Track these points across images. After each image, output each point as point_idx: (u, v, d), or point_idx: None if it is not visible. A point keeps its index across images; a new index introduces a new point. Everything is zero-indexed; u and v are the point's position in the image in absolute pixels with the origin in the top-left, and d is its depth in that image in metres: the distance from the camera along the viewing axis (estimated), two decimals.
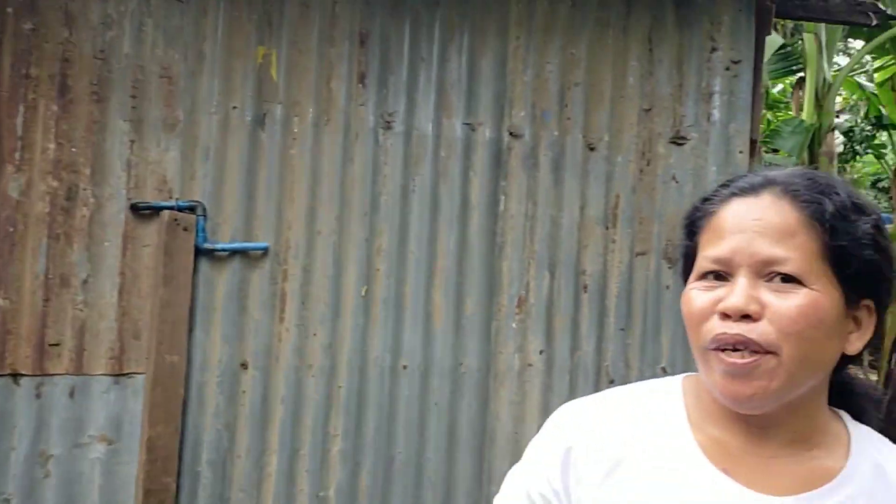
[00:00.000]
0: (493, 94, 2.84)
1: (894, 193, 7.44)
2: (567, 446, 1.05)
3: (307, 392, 2.66)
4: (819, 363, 0.95)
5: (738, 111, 2.91)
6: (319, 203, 2.70)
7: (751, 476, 0.97)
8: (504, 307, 2.84)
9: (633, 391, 1.10)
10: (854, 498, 0.96)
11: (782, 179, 0.98)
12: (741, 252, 0.94)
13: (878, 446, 1.01)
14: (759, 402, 0.94)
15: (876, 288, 0.98)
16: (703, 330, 0.96)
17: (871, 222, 0.97)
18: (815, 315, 0.92)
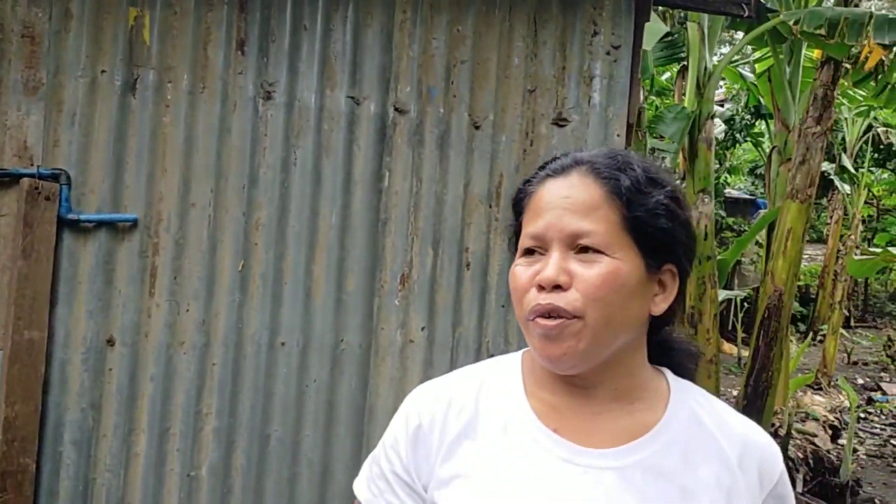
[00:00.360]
0: (378, 67, 2.80)
1: (768, 179, 7.84)
2: (416, 424, 1.12)
3: (179, 369, 2.58)
4: (624, 324, 1.04)
5: (616, 95, 2.98)
6: (194, 174, 2.60)
7: (578, 433, 1.06)
8: (387, 284, 2.82)
9: (478, 368, 1.18)
10: (670, 444, 1.05)
11: (588, 159, 1.08)
12: (553, 228, 1.04)
13: (696, 397, 1.12)
14: (570, 362, 1.03)
15: (674, 253, 1.07)
16: (525, 301, 1.05)
17: (666, 194, 1.06)
18: (617, 281, 1.01)
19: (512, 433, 1.08)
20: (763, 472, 1.06)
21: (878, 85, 6.96)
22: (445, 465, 1.08)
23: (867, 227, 14.74)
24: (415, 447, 1.11)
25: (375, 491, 1.13)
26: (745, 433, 1.08)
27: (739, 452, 1.06)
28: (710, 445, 1.06)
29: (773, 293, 6.38)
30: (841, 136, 12.06)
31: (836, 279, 11.54)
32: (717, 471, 1.04)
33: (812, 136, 6.28)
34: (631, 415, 1.07)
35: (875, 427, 8.48)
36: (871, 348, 12.02)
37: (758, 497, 1.05)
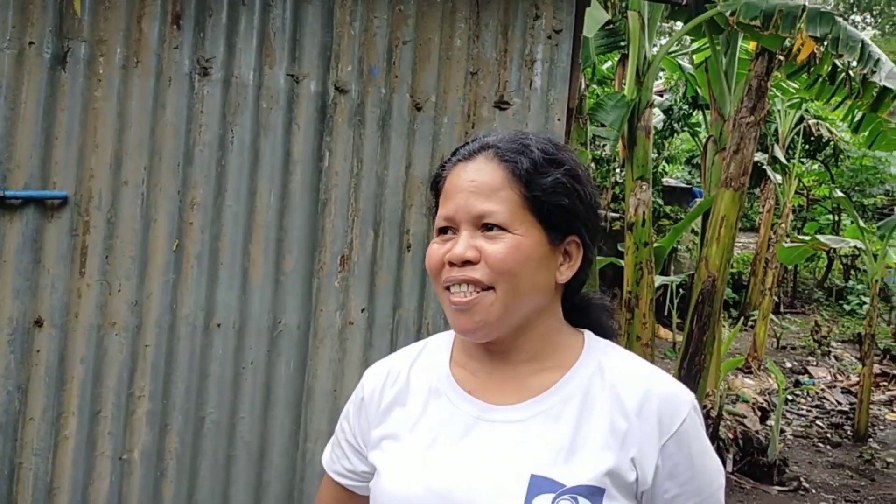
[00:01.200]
0: (318, 45, 2.76)
1: (704, 168, 8.01)
2: (360, 397, 1.29)
3: (110, 351, 2.51)
4: (531, 292, 1.15)
5: (557, 79, 3.00)
6: (126, 151, 2.53)
7: (490, 392, 1.18)
8: (326, 265, 2.79)
9: (419, 343, 1.32)
10: (570, 396, 1.15)
11: (493, 143, 1.18)
12: (461, 210, 1.14)
13: (607, 351, 1.21)
14: (483, 332, 1.14)
15: (573, 226, 1.17)
16: (440, 277, 1.16)
17: (563, 172, 1.16)
18: (520, 254, 1.12)
19: (433, 397, 1.21)
20: (663, 418, 1.12)
21: (809, 77, 7.16)
22: (378, 429, 1.24)
23: (797, 216, 15.20)
24: (358, 416, 1.28)
25: (334, 457, 1.32)
26: (649, 383, 1.15)
27: (640, 400, 1.13)
28: (609, 394, 1.14)
29: (706, 279, 6.53)
30: (774, 128, 12.37)
31: (767, 266, 11.88)
32: (613, 417, 1.12)
33: (746, 126, 6.43)
34: (539, 373, 1.18)
35: (801, 409, 8.78)
36: (798, 333, 12.42)
37: (656, 442, 1.11)
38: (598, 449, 1.10)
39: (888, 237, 7.82)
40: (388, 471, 1.18)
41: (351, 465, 1.28)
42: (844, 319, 13.55)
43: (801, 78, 7.47)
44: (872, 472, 6.85)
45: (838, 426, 8.18)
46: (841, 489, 6.42)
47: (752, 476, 6.39)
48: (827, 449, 7.53)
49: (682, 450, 1.12)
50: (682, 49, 10.28)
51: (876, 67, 5.65)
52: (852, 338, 12.16)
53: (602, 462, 1.09)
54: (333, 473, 1.32)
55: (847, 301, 14.11)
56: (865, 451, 7.28)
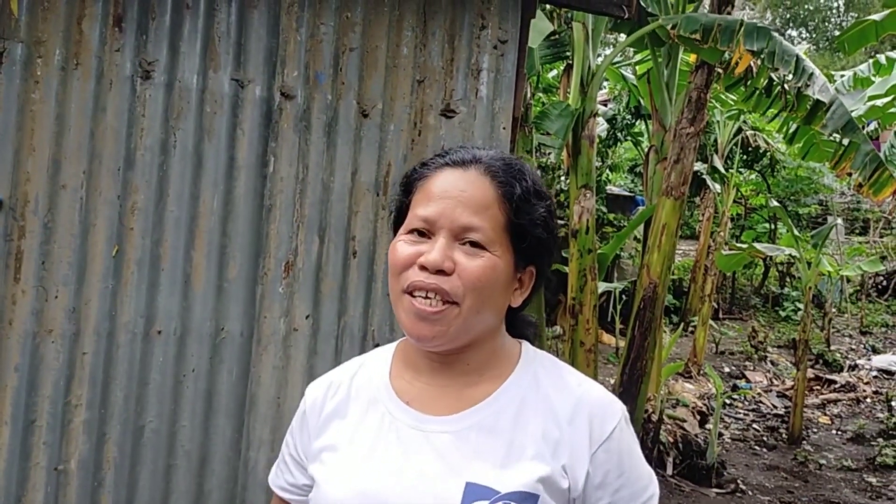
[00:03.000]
0: (264, 50, 2.75)
1: (646, 177, 8.17)
2: (303, 410, 1.29)
3: (46, 359, 2.45)
4: (490, 313, 1.16)
5: (503, 89, 3.04)
6: (65, 155, 2.47)
7: (427, 403, 1.19)
8: (271, 271, 2.77)
9: (363, 356, 1.32)
10: (505, 407, 1.17)
11: (486, 160, 1.18)
12: (445, 216, 1.12)
13: (544, 363, 1.24)
14: (438, 342, 1.14)
15: (540, 258, 1.21)
16: (403, 277, 1.14)
17: (546, 207, 1.19)
18: (493, 275, 1.13)
19: (372, 409, 1.22)
20: (594, 427, 1.15)
21: (747, 90, 7.37)
22: (318, 441, 1.24)
23: (735, 224, 15.60)
24: (301, 429, 1.28)
25: (278, 472, 1.32)
26: (581, 392, 1.18)
27: (572, 410, 1.16)
28: (542, 404, 1.17)
29: (648, 285, 6.66)
30: (713, 138, 12.69)
31: (707, 273, 12.16)
32: (546, 426, 1.15)
33: (686, 137, 6.59)
34: (477, 385, 1.19)
35: (739, 412, 9.01)
36: (736, 339, 12.73)
37: (586, 450, 1.14)
38: (531, 457, 1.12)
39: (821, 246, 8.09)
40: (325, 481, 1.19)
41: (293, 479, 1.28)
42: (780, 325, 13.94)
43: (739, 90, 7.68)
44: (806, 474, 7.06)
45: (774, 429, 8.40)
46: (776, 490, 6.61)
47: (692, 479, 6.53)
48: (763, 452, 7.74)
49: (611, 458, 1.15)
50: (625, 60, 10.49)
51: (809, 81, 5.85)
52: (787, 343, 12.52)
53: (535, 469, 1.11)
54: (277, 489, 1.31)
55: (783, 307, 14.53)
56: (799, 453, 7.50)
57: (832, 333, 12.76)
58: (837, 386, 10.03)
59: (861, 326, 13.80)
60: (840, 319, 14.15)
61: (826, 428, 8.61)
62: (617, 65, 10.37)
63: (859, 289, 15.05)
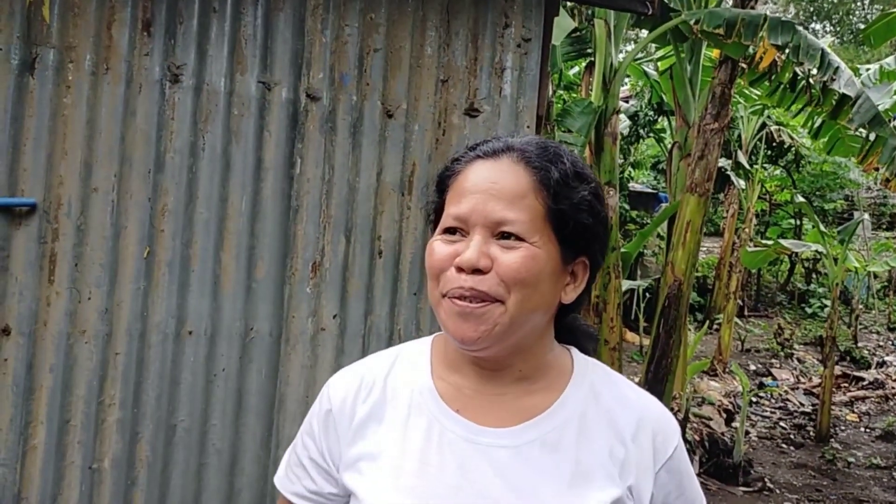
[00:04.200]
0: (290, 53, 2.77)
1: (669, 174, 8.12)
2: (327, 409, 1.16)
3: (80, 359, 2.49)
4: (538, 309, 1.06)
5: (527, 87, 3.04)
6: (96, 158, 2.51)
7: (480, 413, 1.09)
8: (298, 271, 2.80)
9: (391, 352, 1.21)
10: (567, 421, 1.09)
11: (519, 146, 1.08)
12: (477, 212, 1.04)
13: (599, 372, 1.16)
14: (484, 343, 1.05)
15: (590, 247, 1.10)
16: (442, 279, 1.06)
17: (590, 190, 1.08)
18: (535, 267, 1.03)
19: (416, 414, 1.11)
20: (657, 445, 1.10)
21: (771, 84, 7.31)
22: (353, 447, 1.12)
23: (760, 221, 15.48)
24: (325, 431, 1.15)
25: (293, 478, 1.18)
26: (642, 408, 1.12)
27: (635, 426, 1.10)
28: (605, 420, 1.10)
29: (672, 283, 6.63)
30: (737, 134, 12.59)
31: (732, 270, 12.07)
32: (611, 444, 1.08)
33: (710, 133, 6.54)
34: (532, 395, 1.11)
35: (766, 410, 8.94)
36: (762, 336, 12.64)
37: (651, 469, 1.09)
38: (602, 478, 1.06)
39: (847, 241, 8.00)
40: (368, 495, 1.08)
41: (315, 487, 1.15)
42: (806, 322, 13.81)
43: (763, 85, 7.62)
44: (834, 472, 7.00)
45: (801, 427, 8.33)
46: (804, 489, 6.55)
47: (718, 477, 6.49)
48: (790, 450, 7.68)
49: (673, 478, 1.11)
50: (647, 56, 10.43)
51: (835, 75, 5.79)
52: (814, 340, 12.40)
53: (607, 491, 1.05)
54: (293, 496, 1.18)
55: (809, 304, 14.39)
56: (827, 451, 7.43)
57: (859, 330, 12.62)
58: (865, 383, 9.92)
59: (889, 323, 13.64)
60: (867, 316, 13.99)
61: (854, 425, 8.52)
62: (639, 61, 10.32)
63: (887, 285, 14.86)
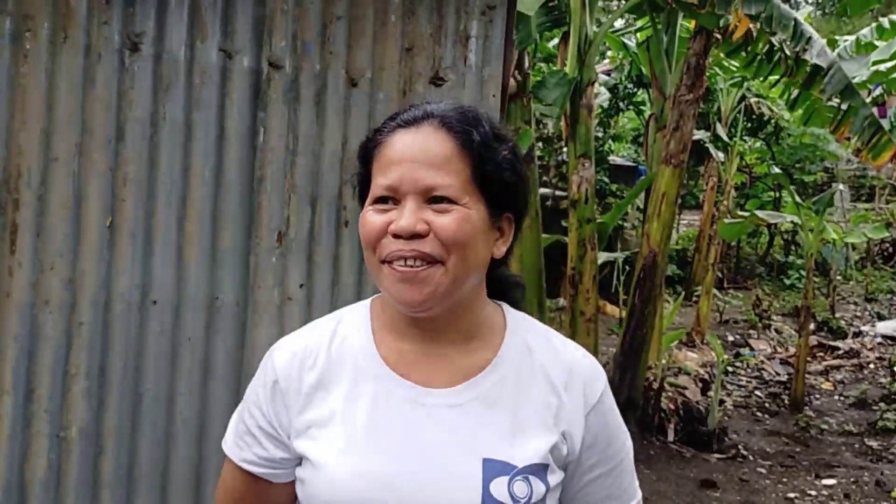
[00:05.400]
0: (251, 21, 2.76)
1: (646, 146, 8.16)
2: (273, 380, 1.20)
3: (44, 329, 2.50)
4: (475, 266, 1.13)
5: (492, 56, 3.04)
6: (56, 128, 2.50)
7: (424, 374, 1.15)
8: (263, 241, 2.81)
9: (331, 319, 1.26)
10: (505, 378, 1.16)
11: (439, 112, 1.14)
12: (407, 180, 1.09)
13: (530, 328, 1.22)
14: (429, 305, 1.11)
15: (514, 203, 1.17)
16: (379, 247, 1.13)
17: (509, 149, 1.16)
18: (469, 227, 1.10)
19: (362, 380, 1.16)
20: (586, 392, 1.18)
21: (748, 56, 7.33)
22: (302, 416, 1.17)
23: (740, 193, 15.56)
24: (273, 401, 1.19)
25: (243, 445, 1.22)
26: (572, 358, 1.20)
27: (566, 377, 1.17)
28: (539, 373, 1.17)
29: (647, 255, 6.69)
30: (717, 106, 12.62)
31: (710, 243, 12.16)
32: (546, 394, 1.16)
33: (685, 104, 6.57)
34: (471, 353, 1.17)
35: (741, 380, 9.06)
36: (741, 308, 12.76)
37: (581, 414, 1.17)
38: (539, 426, 1.14)
39: (822, 212, 8.08)
40: (322, 461, 1.13)
41: (267, 453, 1.19)
42: (785, 293, 13.95)
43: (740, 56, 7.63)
44: (807, 439, 7.12)
45: (776, 396, 8.46)
46: (777, 455, 6.67)
47: (693, 445, 6.60)
48: (765, 418, 7.80)
49: (600, 420, 1.18)
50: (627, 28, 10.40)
51: (808, 45, 5.82)
52: (792, 311, 12.54)
53: (544, 440, 1.13)
54: (243, 462, 1.21)
55: (787, 276, 14.53)
56: (801, 418, 7.56)
57: (837, 301, 12.76)
58: (841, 352, 10.07)
59: (866, 293, 13.81)
60: (845, 287, 14.15)
61: (829, 394, 8.66)
62: (619, 33, 10.30)
63: (865, 256, 15.02)
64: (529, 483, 1.10)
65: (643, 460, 6.16)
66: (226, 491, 1.26)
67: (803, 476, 6.18)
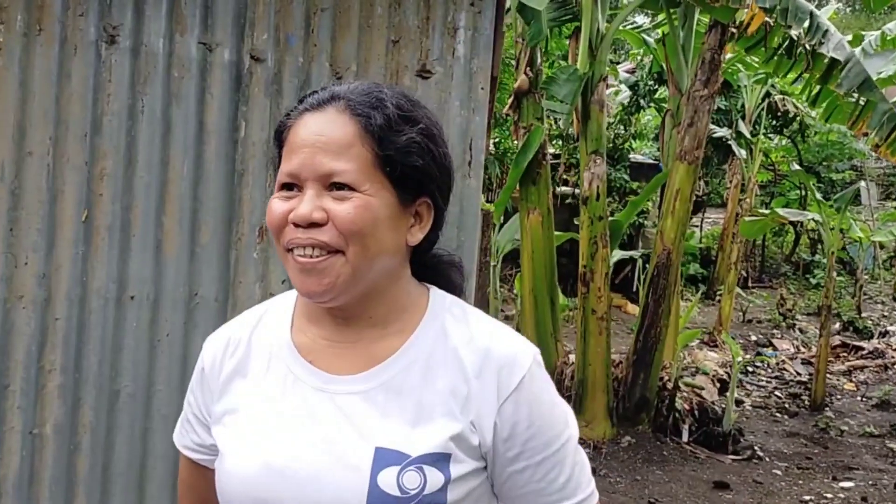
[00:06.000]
0: (232, 12, 2.72)
1: (662, 143, 8.02)
2: (201, 368, 1.23)
3: (18, 325, 2.48)
4: (380, 255, 1.08)
5: (480, 48, 2.97)
6: (30, 121, 2.48)
7: (332, 361, 1.13)
8: (244, 236, 2.76)
9: (260, 307, 1.25)
10: (411, 364, 1.11)
11: (344, 94, 1.10)
12: (307, 167, 1.06)
13: (452, 311, 1.17)
14: (330, 295, 1.08)
15: (427, 188, 1.12)
16: (282, 235, 1.09)
17: (418, 131, 1.10)
18: (369, 215, 1.06)
19: (274, 367, 1.15)
20: (501, 379, 1.10)
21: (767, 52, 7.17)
22: (219, 403, 1.19)
23: (766, 191, 15.30)
24: (201, 389, 1.22)
25: (183, 432, 1.27)
26: (488, 345, 1.12)
27: (480, 363, 1.11)
28: (450, 358, 1.12)
29: (661, 252, 6.57)
30: (741, 103, 12.41)
31: (734, 241, 11.96)
32: (454, 381, 1.10)
33: (700, 100, 6.44)
34: (383, 339, 1.13)
35: (761, 380, 8.89)
36: (765, 307, 12.54)
37: (494, 403, 1.10)
38: (441, 416, 1.09)
39: (844, 209, 7.90)
40: (227, 447, 1.14)
41: (199, 439, 1.23)
42: (811, 293, 13.70)
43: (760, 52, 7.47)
44: (826, 440, 6.96)
45: (796, 396, 8.28)
46: (794, 457, 6.52)
47: (707, 446, 6.47)
48: (784, 418, 7.63)
49: (520, 409, 1.10)
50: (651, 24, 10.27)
51: (824, 39, 5.67)
52: (817, 310, 12.29)
53: (445, 428, 1.08)
54: (183, 448, 1.26)
55: (813, 275, 14.26)
56: (821, 419, 7.39)
57: (864, 300, 12.49)
58: (865, 353, 9.84)
59: (894, 293, 13.50)
60: (872, 286, 13.85)
61: (851, 395, 8.47)
62: (640, 30, 10.17)
63: (893, 255, 14.70)
64: (423, 474, 1.06)
65: (656, 461, 6.06)
66: (181, 481, 1.31)
67: (820, 478, 6.03)
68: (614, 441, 6.27)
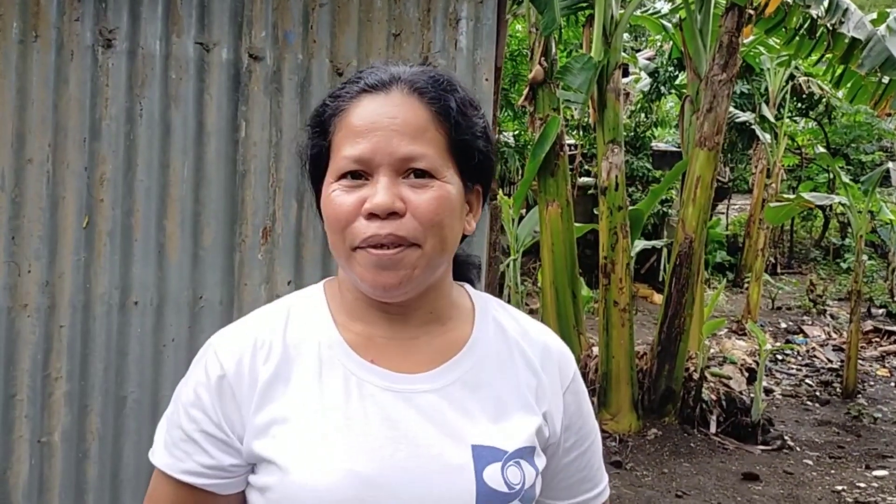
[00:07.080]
0: (228, 11, 2.68)
1: (682, 129, 7.89)
2: (218, 375, 1.04)
3: (23, 333, 2.47)
4: (452, 248, 1.04)
5: (483, 38, 2.91)
6: (29, 128, 2.47)
7: (395, 359, 1.05)
8: (248, 238, 2.74)
9: (279, 307, 1.11)
10: (483, 358, 1.08)
11: (408, 77, 1.02)
12: (381, 151, 0.97)
13: (497, 307, 1.15)
14: (404, 290, 1.01)
15: (486, 174, 1.08)
16: (351, 231, 0.98)
17: (482, 117, 1.06)
18: (448, 204, 1.00)
19: (328, 370, 1.04)
20: (562, 371, 1.13)
21: (787, 32, 7.02)
22: (261, 413, 1.03)
23: (792, 175, 15.04)
24: (221, 399, 1.04)
25: (181, 455, 1.05)
26: (544, 339, 1.14)
27: (541, 356, 1.12)
28: (516, 353, 1.11)
29: (683, 241, 6.45)
30: (764, 87, 12.19)
31: (760, 227, 11.76)
32: (525, 374, 1.10)
33: (718, 84, 6.31)
34: (444, 335, 1.08)
35: (791, 368, 8.73)
36: (794, 293, 12.33)
37: (559, 394, 1.12)
38: (519, 409, 1.07)
39: (872, 192, 7.71)
40: (289, 460, 1.00)
41: (213, 461, 1.04)
42: (841, 277, 13.44)
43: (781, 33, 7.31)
44: (859, 428, 6.81)
45: (827, 384, 8.12)
46: (826, 446, 6.38)
47: (736, 437, 6.35)
48: (815, 407, 7.49)
49: (575, 399, 1.14)
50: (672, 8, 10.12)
51: (844, 18, 5.53)
52: (848, 296, 12.06)
53: (528, 422, 1.07)
54: (184, 474, 1.05)
55: (844, 259, 13.99)
56: (853, 407, 7.24)
57: None
58: None
59: None
60: None
61: (884, 381, 8.29)
62: (658, 15, 10.02)
63: None
64: (521, 468, 1.03)
65: (684, 453, 5.96)
66: None
67: (853, 467, 5.89)
68: (640, 434, 6.18)
